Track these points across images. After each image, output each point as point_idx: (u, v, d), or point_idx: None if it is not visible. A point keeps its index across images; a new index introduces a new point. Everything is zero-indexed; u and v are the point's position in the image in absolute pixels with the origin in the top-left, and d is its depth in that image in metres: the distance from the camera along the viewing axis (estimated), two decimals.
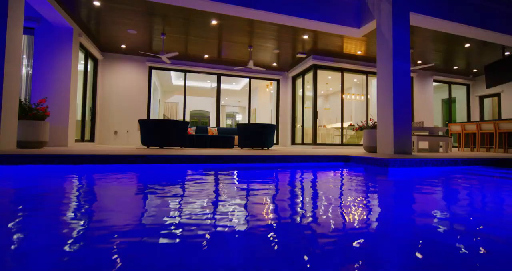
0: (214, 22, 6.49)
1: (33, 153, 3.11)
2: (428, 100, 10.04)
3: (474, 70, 9.90)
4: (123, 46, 8.02)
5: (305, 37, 7.20)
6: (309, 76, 8.80)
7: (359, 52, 8.21)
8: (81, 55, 7.45)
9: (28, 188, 2.01)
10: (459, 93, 11.03)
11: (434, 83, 10.31)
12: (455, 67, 9.68)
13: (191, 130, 7.64)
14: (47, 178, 2.58)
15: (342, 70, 8.77)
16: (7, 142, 4.33)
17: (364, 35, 6.56)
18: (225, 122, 17.78)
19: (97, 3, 5.74)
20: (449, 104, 10.63)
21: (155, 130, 5.82)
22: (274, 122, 10.55)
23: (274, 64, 9.58)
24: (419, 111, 9.87)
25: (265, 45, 7.98)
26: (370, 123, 5.75)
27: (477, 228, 1.19)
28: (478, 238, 1.05)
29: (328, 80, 11.36)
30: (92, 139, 8.18)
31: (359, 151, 6.07)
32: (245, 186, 2.27)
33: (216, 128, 7.87)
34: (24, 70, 6.46)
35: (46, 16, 5.99)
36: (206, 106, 16.67)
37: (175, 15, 6.29)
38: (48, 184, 2.23)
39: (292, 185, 2.43)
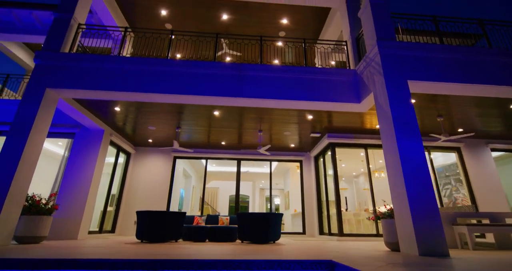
0: (217, 113, 6.88)
1: None
2: (491, 176, 7.96)
3: None
4: (150, 140, 8.95)
5: (310, 117, 6.99)
6: (328, 156, 8.11)
7: (377, 127, 7.46)
8: (113, 151, 8.44)
9: None
10: None
11: (495, 154, 8.37)
12: None
13: (201, 220, 7.21)
14: None
15: (365, 147, 7.91)
16: (3, 237, 4.56)
17: (370, 108, 6.03)
18: (264, 207, 16.86)
19: (117, 109, 6.76)
20: None
21: (149, 223, 5.60)
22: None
23: (293, 145, 9.30)
24: (482, 191, 7.73)
25: (278, 128, 7.96)
26: (386, 210, 4.55)
27: None
28: None
29: (362, 157, 10.32)
30: (113, 230, 8.33)
31: (382, 248, 4.67)
32: None
33: (228, 217, 7.29)
34: (62, 167, 7.46)
35: (83, 123, 7.21)
36: (245, 191, 16.39)
37: (186, 112, 6.92)
38: None
39: None
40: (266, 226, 5.52)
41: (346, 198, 13.54)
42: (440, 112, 6.70)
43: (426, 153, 8.21)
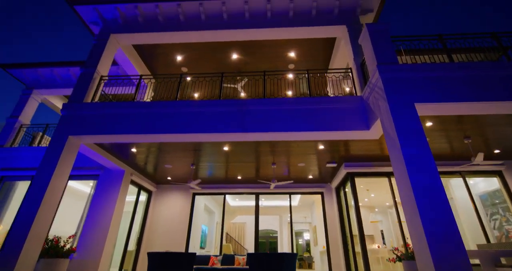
0: (226, 148, 6.94)
1: None
2: None
3: None
4: (169, 178, 9.18)
5: (322, 147, 6.74)
6: (349, 187, 7.58)
7: None
8: (134, 190, 8.75)
9: None
10: None
11: None
12: None
13: (217, 260, 6.94)
14: None
15: (388, 175, 7.29)
16: None
17: (382, 135, 5.66)
18: (295, 242, 15.84)
19: (134, 150, 7.14)
20: None
21: (159, 265, 5.49)
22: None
23: (311, 176, 8.91)
24: None
25: (292, 160, 7.76)
26: (408, 250, 3.98)
27: None
28: None
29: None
30: (134, 269, 8.30)
31: None
32: None
33: (244, 257, 6.94)
34: (87, 207, 7.82)
35: (104, 165, 7.68)
36: (272, 225, 15.72)
37: (198, 149, 7.10)
38: None
39: None
40: (277, 268, 5.11)
41: (382, 232, 12.31)
42: (466, 133, 6.07)
43: (460, 179, 7.32)
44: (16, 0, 45.35)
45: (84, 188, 9.07)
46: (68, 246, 5.74)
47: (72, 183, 8.51)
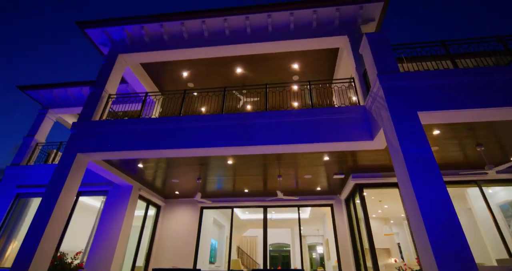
0: (230, 162, 6.94)
1: None
2: None
3: None
4: (177, 192, 9.22)
5: (327, 158, 6.61)
6: (358, 198, 7.35)
7: None
8: (143, 205, 8.83)
9: None
10: None
11: None
12: None
13: None
14: None
15: (397, 185, 7.00)
16: None
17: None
18: (308, 256, 15.35)
19: (140, 166, 7.26)
20: None
21: None
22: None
23: (319, 188, 8.71)
24: None
25: (298, 172, 7.65)
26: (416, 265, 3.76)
27: None
28: None
29: None
30: None
31: None
32: None
33: None
34: (97, 222, 7.94)
35: (113, 180, 7.83)
36: (284, 238, 15.37)
37: (203, 163, 7.13)
38: None
39: None
40: None
41: (399, 244, 11.77)
42: (478, 140, 5.81)
43: (476, 188, 6.96)
44: (29, 24, 48.57)
45: (95, 203, 9.23)
46: (76, 262, 5.79)
47: (84, 198, 8.69)
